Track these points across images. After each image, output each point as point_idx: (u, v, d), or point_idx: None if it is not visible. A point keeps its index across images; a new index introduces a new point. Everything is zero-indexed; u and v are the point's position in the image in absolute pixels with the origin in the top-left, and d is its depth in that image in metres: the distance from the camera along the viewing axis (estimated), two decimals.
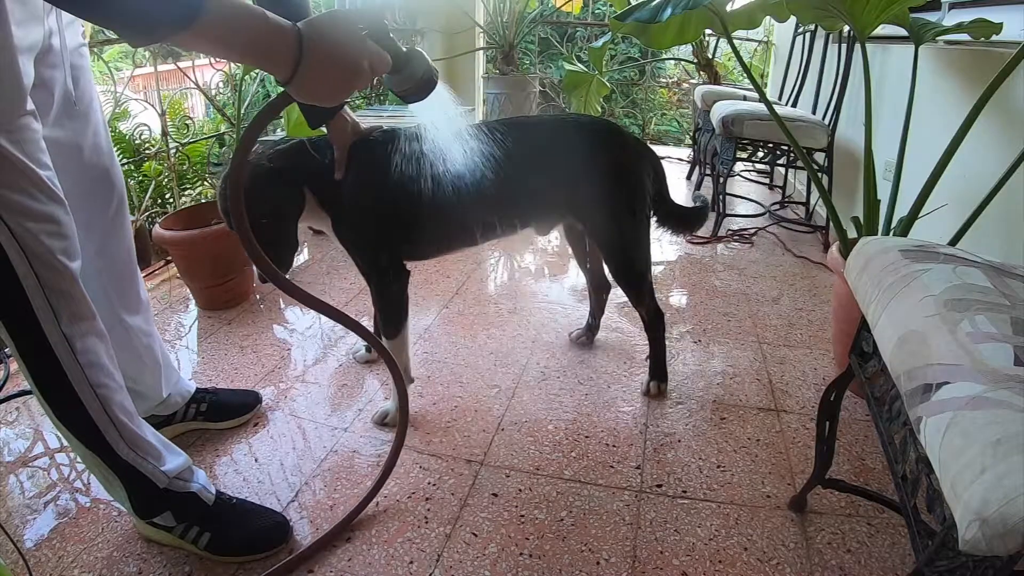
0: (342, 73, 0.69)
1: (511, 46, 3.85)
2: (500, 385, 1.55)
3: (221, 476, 1.24)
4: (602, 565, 1.04)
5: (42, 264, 0.82)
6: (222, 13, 0.60)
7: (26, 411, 1.43)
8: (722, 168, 2.62)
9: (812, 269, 2.32)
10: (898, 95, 2.04)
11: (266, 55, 0.65)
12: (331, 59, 0.68)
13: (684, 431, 1.39)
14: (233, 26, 0.62)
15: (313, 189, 1.24)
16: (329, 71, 0.68)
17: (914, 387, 0.64)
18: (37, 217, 0.81)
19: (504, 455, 1.30)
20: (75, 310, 0.87)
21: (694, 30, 1.63)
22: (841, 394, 1.06)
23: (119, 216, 1.12)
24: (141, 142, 2.43)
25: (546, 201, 1.39)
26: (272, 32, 0.64)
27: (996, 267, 0.78)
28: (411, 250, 1.36)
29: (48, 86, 0.91)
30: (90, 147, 1.03)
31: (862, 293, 0.84)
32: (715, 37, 3.99)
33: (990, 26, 1.38)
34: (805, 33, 3.15)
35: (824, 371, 1.63)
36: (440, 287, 2.11)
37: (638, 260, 1.44)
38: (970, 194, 1.44)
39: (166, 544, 1.06)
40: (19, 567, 0.98)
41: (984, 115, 1.26)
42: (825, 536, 1.11)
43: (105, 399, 0.92)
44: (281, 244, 1.21)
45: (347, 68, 0.69)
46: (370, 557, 1.05)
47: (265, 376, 1.58)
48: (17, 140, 0.79)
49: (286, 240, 1.22)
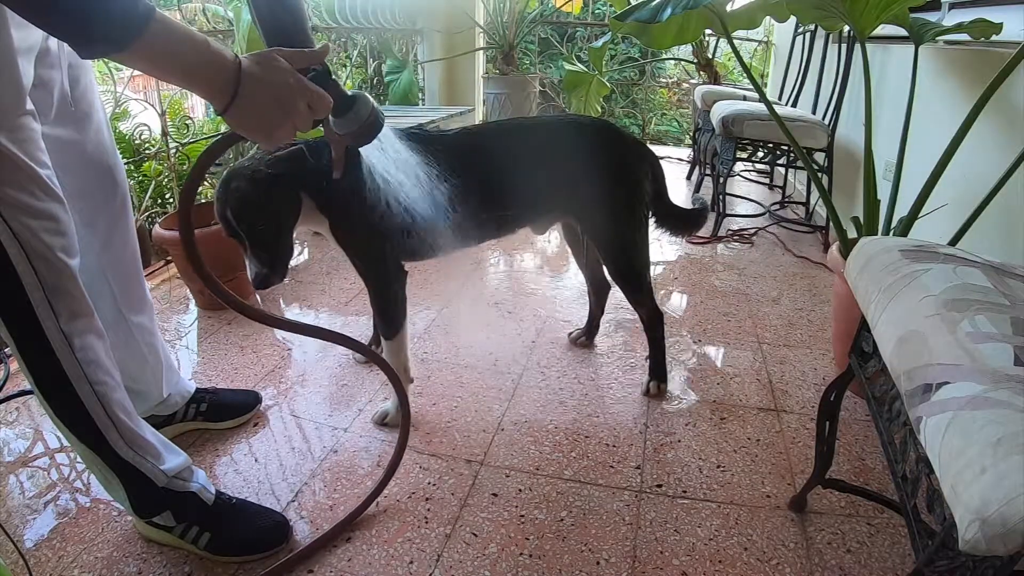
0: (278, 109, 0.69)
1: (511, 46, 3.85)
2: (500, 385, 1.55)
3: (221, 476, 1.24)
4: (602, 565, 1.04)
5: (41, 261, 0.82)
6: (163, 36, 0.61)
7: (26, 411, 1.43)
8: (722, 168, 2.62)
9: (812, 269, 2.32)
10: (898, 95, 2.04)
11: (204, 82, 0.66)
12: (268, 95, 0.68)
13: (684, 431, 1.39)
14: (173, 50, 0.63)
15: (311, 193, 1.24)
16: (265, 106, 0.68)
17: (914, 387, 0.64)
18: (36, 214, 0.82)
19: (504, 455, 1.30)
20: (74, 308, 0.88)
21: (694, 30, 1.63)
22: (841, 394, 1.06)
23: (123, 213, 1.12)
24: (141, 142, 2.43)
25: (545, 201, 1.39)
26: (212, 60, 0.65)
27: (996, 267, 0.78)
28: (410, 251, 1.36)
29: (47, 86, 0.91)
30: (93, 144, 1.03)
31: (862, 293, 0.84)
32: (715, 37, 3.99)
33: (990, 26, 1.38)
34: (805, 33, 3.15)
35: (824, 371, 1.63)
36: (440, 287, 2.11)
37: (636, 260, 1.44)
38: (970, 194, 1.44)
39: (166, 544, 1.06)
40: (19, 567, 0.98)
41: (984, 115, 1.26)
42: (825, 536, 1.11)
43: (104, 397, 0.92)
44: (277, 250, 1.20)
45: (283, 105, 0.70)
46: (370, 557, 1.05)
47: (265, 376, 1.58)
48: (16, 139, 0.79)
49: (282, 246, 1.21)
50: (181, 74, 0.65)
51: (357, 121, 0.78)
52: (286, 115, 0.70)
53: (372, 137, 0.81)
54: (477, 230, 1.38)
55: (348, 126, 0.79)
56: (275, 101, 0.69)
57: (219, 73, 0.65)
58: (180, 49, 0.63)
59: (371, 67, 3.70)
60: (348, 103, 0.77)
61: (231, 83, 0.66)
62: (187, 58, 0.64)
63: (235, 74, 0.66)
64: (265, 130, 0.70)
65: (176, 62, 0.64)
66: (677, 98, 6.28)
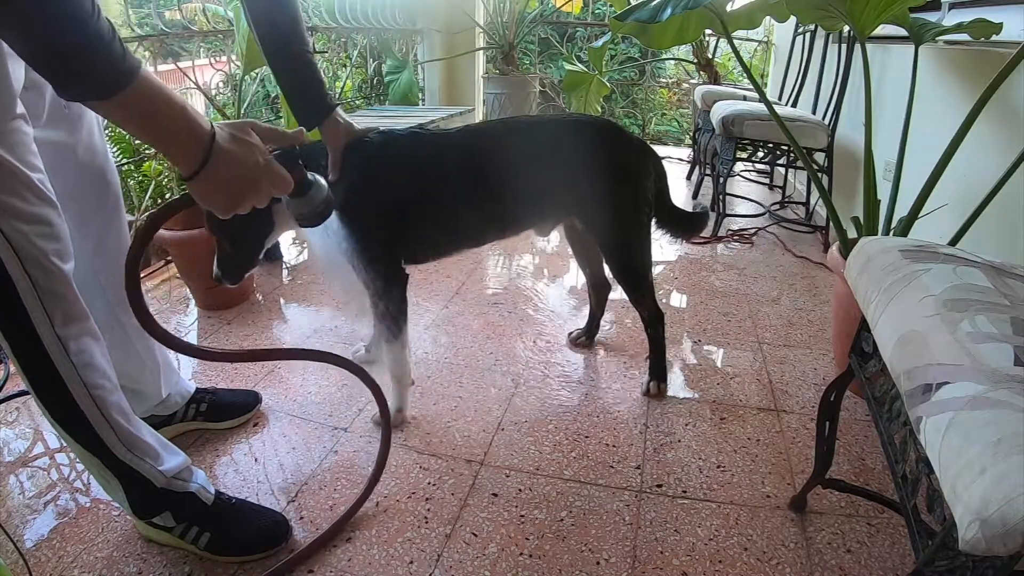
0: (240, 185, 0.71)
1: (511, 46, 3.85)
2: (500, 385, 1.55)
3: (221, 476, 1.24)
4: (602, 565, 1.04)
5: (35, 266, 0.82)
6: (145, 94, 0.61)
7: (26, 411, 1.43)
8: (722, 168, 2.62)
9: (812, 269, 2.32)
10: (898, 95, 2.04)
11: (176, 147, 0.66)
12: (234, 171, 0.69)
13: (684, 431, 1.39)
14: (152, 110, 0.63)
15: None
16: (229, 181, 0.69)
17: (914, 387, 0.64)
18: (29, 219, 0.81)
19: (504, 455, 1.30)
20: (69, 312, 0.87)
21: (694, 30, 1.63)
22: (841, 394, 1.06)
23: (115, 215, 1.12)
24: (141, 142, 2.42)
25: (548, 201, 1.38)
26: (187, 128, 0.65)
27: (996, 267, 0.78)
28: (410, 253, 1.35)
29: (39, 88, 0.90)
30: (84, 147, 1.02)
31: (862, 293, 0.84)
32: (715, 37, 3.99)
33: (990, 26, 1.38)
34: (805, 33, 3.15)
35: (824, 371, 1.63)
36: (440, 287, 2.11)
37: (640, 260, 1.44)
38: (970, 194, 1.44)
39: (166, 544, 1.06)
40: (19, 567, 0.98)
41: (984, 115, 1.26)
42: (825, 536, 1.11)
43: (100, 400, 0.92)
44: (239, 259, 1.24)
45: (246, 182, 0.71)
46: (370, 557, 1.05)
47: (265, 376, 1.58)
48: (8, 143, 0.79)
49: (245, 257, 1.25)
50: (155, 135, 0.65)
51: (310, 205, 0.82)
52: (247, 193, 0.71)
53: (320, 222, 0.84)
54: (479, 231, 1.37)
55: (302, 207, 0.82)
56: (240, 179, 0.70)
57: (192, 142, 0.66)
58: (159, 110, 0.63)
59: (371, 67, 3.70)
60: (306, 186, 0.80)
61: (202, 154, 0.66)
62: (164, 122, 0.64)
63: (207, 145, 0.67)
64: (224, 204, 0.71)
65: (153, 123, 0.64)
66: (677, 98, 6.28)
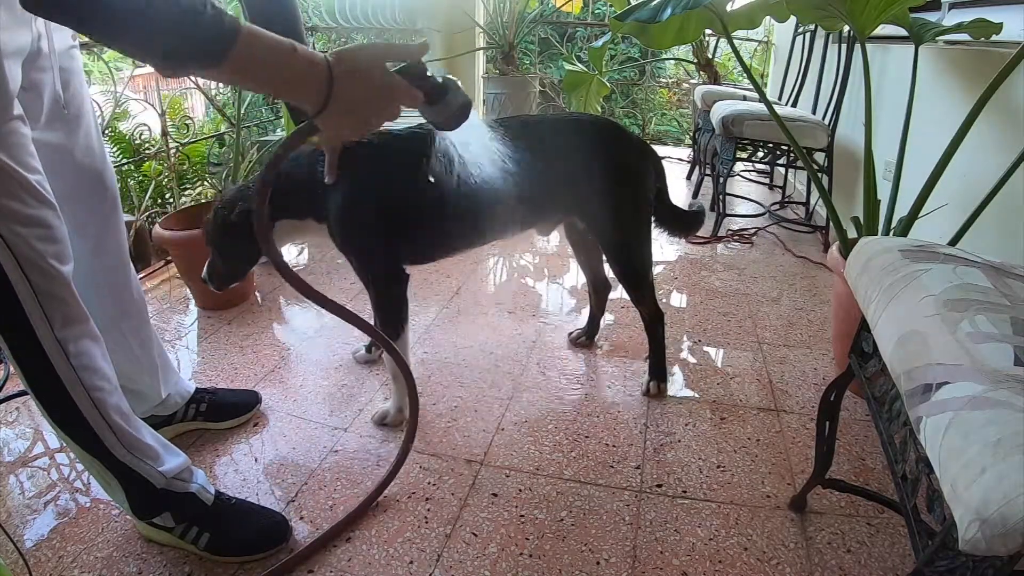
0: (371, 107, 0.69)
1: (511, 46, 3.85)
2: (500, 385, 1.55)
3: (221, 476, 1.24)
4: (602, 565, 1.04)
5: (33, 269, 0.82)
6: (252, 47, 0.60)
7: (26, 411, 1.43)
8: (722, 168, 2.62)
9: (812, 269, 2.32)
10: (898, 95, 2.04)
11: (296, 88, 0.65)
12: (360, 91, 0.67)
13: (684, 431, 1.39)
14: (263, 59, 0.62)
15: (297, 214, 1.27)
16: (358, 105, 0.68)
17: (914, 387, 0.64)
18: (27, 222, 0.81)
19: (504, 455, 1.30)
20: (68, 314, 0.87)
21: (694, 30, 1.63)
22: (841, 394, 1.06)
23: (113, 217, 1.11)
24: (141, 142, 2.42)
25: (549, 201, 1.38)
26: (302, 65, 0.64)
27: (996, 267, 0.78)
28: (410, 253, 1.35)
29: (37, 89, 0.90)
30: (82, 149, 1.02)
31: (862, 293, 0.84)
32: (715, 37, 3.99)
33: (990, 26, 1.38)
34: (805, 33, 3.15)
35: (824, 371, 1.63)
36: (440, 287, 2.11)
37: (640, 259, 1.44)
38: (970, 194, 1.44)
39: (166, 544, 1.06)
40: (19, 567, 0.98)
41: (984, 115, 1.26)
42: (825, 536, 1.11)
43: (100, 402, 0.91)
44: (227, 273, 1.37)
45: (376, 103, 0.69)
46: (370, 557, 1.05)
47: (265, 376, 1.58)
48: (5, 145, 0.78)
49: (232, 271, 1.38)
50: (271, 82, 0.64)
51: (448, 111, 0.78)
52: (375, 112, 0.69)
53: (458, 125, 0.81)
54: (479, 231, 1.37)
55: (439, 115, 0.79)
56: (366, 101, 0.68)
57: (311, 78, 0.65)
58: (270, 58, 0.62)
59: None
60: (439, 93, 0.77)
61: (324, 87, 0.65)
62: (277, 67, 0.63)
63: (326, 77, 0.65)
64: (355, 128, 0.70)
65: (266, 72, 0.63)
66: (677, 98, 6.28)
